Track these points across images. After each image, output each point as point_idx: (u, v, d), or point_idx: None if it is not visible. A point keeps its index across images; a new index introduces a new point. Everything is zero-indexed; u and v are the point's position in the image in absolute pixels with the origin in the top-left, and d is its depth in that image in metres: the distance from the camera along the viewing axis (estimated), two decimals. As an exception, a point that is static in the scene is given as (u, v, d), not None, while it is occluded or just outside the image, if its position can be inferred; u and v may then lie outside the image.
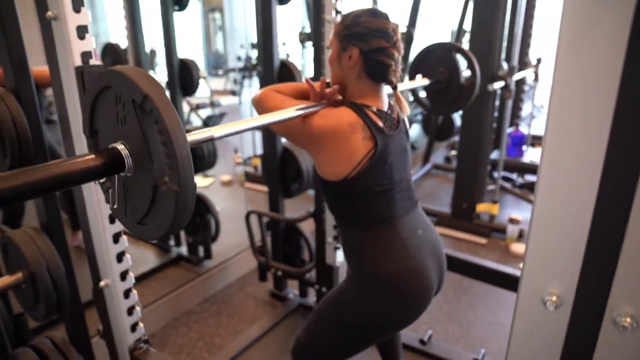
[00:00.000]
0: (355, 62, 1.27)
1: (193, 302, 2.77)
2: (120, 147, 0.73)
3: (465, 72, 1.95)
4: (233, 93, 8.77)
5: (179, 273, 3.00)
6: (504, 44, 3.31)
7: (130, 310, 1.43)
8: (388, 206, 1.31)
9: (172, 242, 3.24)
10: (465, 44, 4.14)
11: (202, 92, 7.93)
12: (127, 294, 1.40)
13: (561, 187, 0.58)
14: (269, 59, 2.39)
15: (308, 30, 4.08)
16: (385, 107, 1.33)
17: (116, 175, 0.78)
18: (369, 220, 1.31)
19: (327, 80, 1.34)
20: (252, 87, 9.14)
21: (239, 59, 8.36)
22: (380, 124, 1.28)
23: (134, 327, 1.45)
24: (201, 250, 3.07)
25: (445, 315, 2.66)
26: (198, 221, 2.98)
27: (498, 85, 3.12)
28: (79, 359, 1.57)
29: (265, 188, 4.28)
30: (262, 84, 2.57)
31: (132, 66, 0.71)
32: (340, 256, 2.46)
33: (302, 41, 4.06)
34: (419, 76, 1.93)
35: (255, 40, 8.17)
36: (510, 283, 2.05)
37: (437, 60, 1.91)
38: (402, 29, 3.89)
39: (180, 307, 2.70)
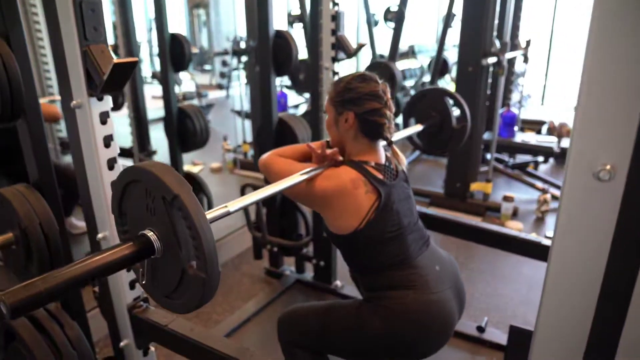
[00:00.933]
0: (351, 124, 1.35)
1: (187, 281, 2.70)
2: (150, 234, 0.82)
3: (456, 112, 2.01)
4: (220, 87, 8.69)
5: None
6: (496, 21, 3.31)
7: (130, 266, 1.36)
8: (402, 249, 1.36)
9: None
10: (455, 27, 4.14)
11: (189, 86, 7.84)
12: (126, 247, 1.34)
13: (611, 58, 0.55)
14: (264, 29, 2.34)
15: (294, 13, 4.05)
16: (382, 161, 1.40)
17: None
18: (386, 265, 1.36)
19: (327, 140, 1.47)
20: (240, 80, 9.06)
21: (225, 52, 8.30)
22: (380, 176, 1.35)
23: (132, 285, 1.38)
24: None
25: (444, 288, 2.63)
26: (190, 201, 2.91)
27: (491, 60, 3.12)
28: (73, 325, 1.50)
29: (256, 174, 4.25)
30: (259, 58, 2.52)
31: (159, 162, 0.81)
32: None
33: (292, 23, 4.04)
34: (412, 121, 2.01)
35: (242, 34, 8.07)
36: (512, 245, 2.04)
37: (429, 104, 1.98)
38: (394, 8, 3.88)
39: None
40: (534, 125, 5.01)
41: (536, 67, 6.61)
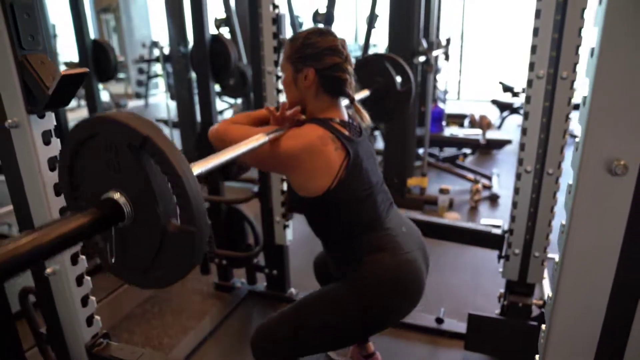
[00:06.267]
0: (311, 81, 1.31)
1: (130, 305, 2.51)
2: (116, 195, 0.70)
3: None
4: (137, 96, 8.26)
5: (108, 280, 2.70)
6: (422, 21, 3.43)
7: (85, 300, 1.22)
8: (373, 209, 1.34)
9: (96, 247, 2.93)
10: (378, 27, 4.24)
11: (102, 96, 7.37)
12: (79, 280, 1.20)
13: (621, 66, 0.57)
14: (200, 34, 2.24)
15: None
16: (346, 118, 1.37)
17: (112, 227, 0.73)
18: (359, 227, 1.34)
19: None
20: (158, 88, 8.67)
21: (142, 58, 7.91)
22: (347, 132, 1.31)
23: (89, 320, 1.25)
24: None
25: (396, 284, 2.68)
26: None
27: (421, 59, 3.23)
28: None
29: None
30: (196, 64, 2.40)
31: (118, 110, 0.65)
32: (290, 234, 2.37)
33: (218, 26, 3.93)
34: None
35: (157, 38, 7.74)
36: (455, 235, 2.17)
37: (372, 71, 2.01)
38: (323, 9, 3.89)
39: (116, 313, 2.43)
40: (457, 119, 5.28)
41: (451, 64, 6.99)
